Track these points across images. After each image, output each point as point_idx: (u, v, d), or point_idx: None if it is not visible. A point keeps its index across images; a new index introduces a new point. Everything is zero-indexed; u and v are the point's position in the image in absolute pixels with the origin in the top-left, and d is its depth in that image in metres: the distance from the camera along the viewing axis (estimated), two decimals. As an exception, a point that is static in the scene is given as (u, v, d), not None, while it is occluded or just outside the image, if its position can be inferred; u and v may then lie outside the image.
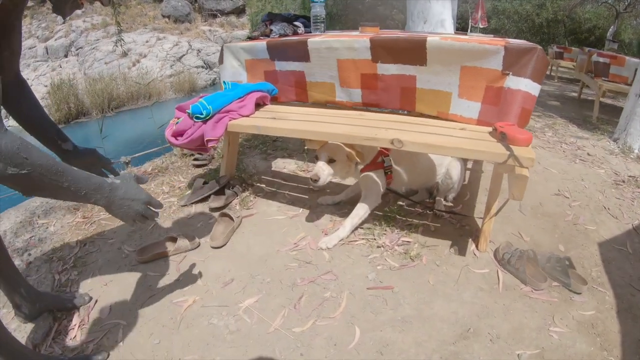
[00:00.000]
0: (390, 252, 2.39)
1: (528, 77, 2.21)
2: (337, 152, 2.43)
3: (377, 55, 2.68)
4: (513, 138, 2.04)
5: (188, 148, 2.84)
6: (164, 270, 2.26)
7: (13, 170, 1.05)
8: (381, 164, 2.58)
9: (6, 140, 1.05)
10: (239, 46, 3.34)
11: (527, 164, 1.91)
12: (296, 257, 2.38)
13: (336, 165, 2.45)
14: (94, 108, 11.41)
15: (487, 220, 2.33)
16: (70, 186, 1.19)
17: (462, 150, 2.05)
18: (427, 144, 2.10)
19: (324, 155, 2.45)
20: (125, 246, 2.48)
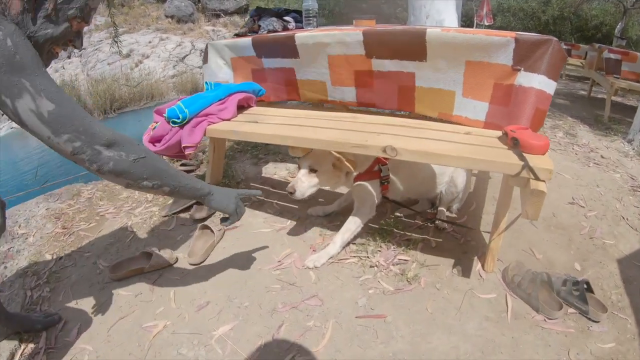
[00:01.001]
0: (384, 272, 2.10)
1: (542, 73, 1.94)
2: (321, 160, 2.16)
3: (372, 50, 2.41)
4: (527, 145, 1.74)
5: (166, 155, 2.58)
6: (136, 289, 2.09)
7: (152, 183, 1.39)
8: (377, 173, 2.29)
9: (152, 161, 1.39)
10: (223, 43, 3.08)
11: (544, 177, 1.61)
12: (279, 278, 2.11)
13: (320, 175, 2.17)
14: (96, 109, 11.26)
15: (495, 237, 2.02)
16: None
17: (467, 160, 1.74)
18: (425, 152, 1.80)
19: (305, 164, 2.17)
20: (100, 260, 2.33)
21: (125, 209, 2.90)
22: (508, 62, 2.02)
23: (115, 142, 1.28)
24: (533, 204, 1.59)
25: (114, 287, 2.11)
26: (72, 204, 3.04)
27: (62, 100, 1.19)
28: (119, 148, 1.29)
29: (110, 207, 2.96)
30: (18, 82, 1.12)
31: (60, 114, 1.18)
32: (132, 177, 1.32)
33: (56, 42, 1.31)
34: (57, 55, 1.36)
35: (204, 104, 2.48)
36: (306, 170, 2.15)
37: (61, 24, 1.27)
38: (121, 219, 2.78)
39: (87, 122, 1.23)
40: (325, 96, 2.75)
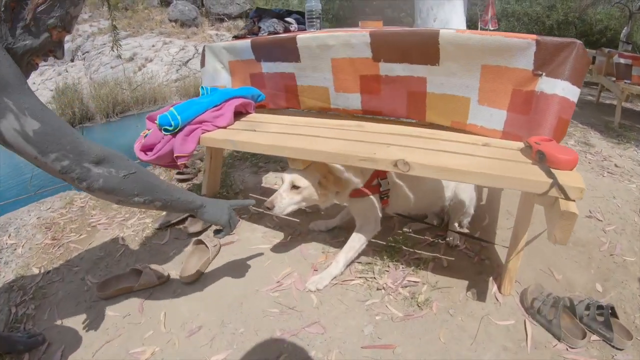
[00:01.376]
0: (393, 295, 1.91)
1: (566, 79, 1.75)
2: (303, 176, 1.98)
3: (379, 53, 2.21)
4: (554, 159, 1.53)
5: (158, 164, 2.40)
6: (125, 309, 1.95)
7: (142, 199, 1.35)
8: (377, 187, 2.12)
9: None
10: (221, 46, 2.89)
11: (575, 196, 1.40)
12: (278, 301, 1.93)
13: (302, 192, 1.98)
14: (99, 112, 11.20)
15: (512, 257, 1.83)
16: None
17: (488, 177, 1.53)
18: (441, 167, 1.60)
19: (287, 180, 1.99)
20: (89, 276, 2.20)
21: (118, 220, 2.77)
22: (528, 67, 1.82)
23: (104, 158, 1.25)
24: (563, 228, 1.38)
25: (101, 306, 1.98)
26: (64, 213, 2.94)
27: (48, 118, 1.16)
28: (108, 165, 1.26)
29: (102, 217, 2.84)
30: (1, 102, 1.07)
31: (47, 133, 1.14)
32: (123, 194, 1.29)
33: (36, 53, 1.25)
34: (36, 67, 1.30)
35: (197, 111, 2.29)
36: (288, 187, 1.97)
37: (41, 35, 1.22)
38: (113, 230, 2.65)
39: (74, 140, 1.19)
40: (328, 104, 2.56)
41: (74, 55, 14.54)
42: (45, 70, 13.79)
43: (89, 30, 15.27)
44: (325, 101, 2.54)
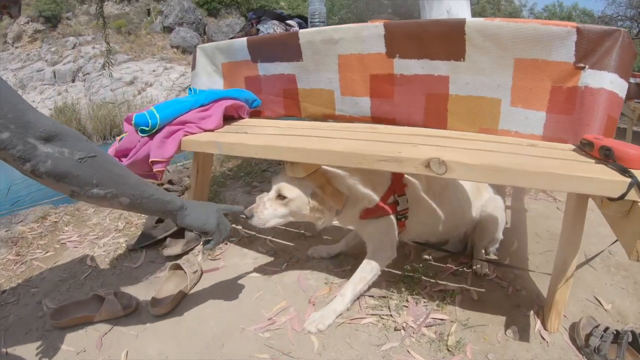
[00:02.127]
0: (415, 337, 1.48)
1: (613, 71, 1.50)
2: (292, 187, 1.61)
3: (394, 47, 1.86)
4: (624, 155, 1.18)
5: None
6: (80, 343, 1.60)
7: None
8: (393, 206, 1.72)
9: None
10: (214, 46, 2.54)
11: None
12: (269, 343, 1.50)
13: (290, 204, 1.61)
14: (96, 133, 11.06)
15: (561, 286, 1.45)
16: None
17: (554, 178, 1.14)
18: (491, 167, 1.19)
19: (274, 187, 1.64)
20: (46, 300, 1.88)
21: (90, 238, 2.44)
22: (569, 59, 1.55)
23: (56, 134, 0.98)
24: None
25: (54, 336, 1.64)
26: (35, 228, 2.63)
27: None
28: (60, 143, 0.99)
29: (74, 234, 2.51)
30: None
31: None
32: (77, 182, 1.02)
33: None
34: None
35: (180, 110, 1.91)
36: (274, 195, 1.61)
37: None
38: (83, 249, 2.33)
39: (19, 108, 0.94)
40: (332, 109, 2.18)
41: (75, 75, 14.47)
42: (46, 89, 13.71)
43: (91, 52, 15.20)
44: (330, 107, 2.16)
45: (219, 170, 3.43)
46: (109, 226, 2.55)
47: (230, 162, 3.60)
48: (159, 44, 16.03)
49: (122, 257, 2.19)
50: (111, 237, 2.41)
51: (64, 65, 15.11)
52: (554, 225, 2.29)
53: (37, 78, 14.66)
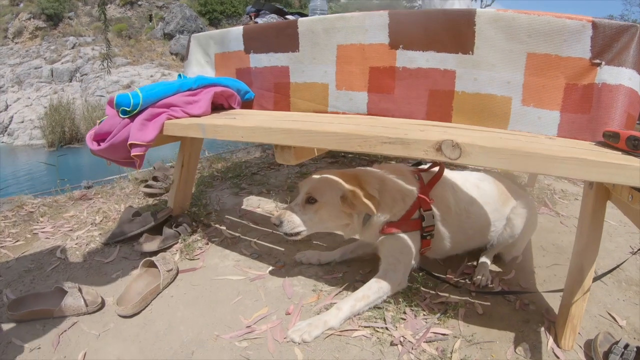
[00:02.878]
0: (414, 354, 1.28)
1: (631, 67, 1.39)
2: (324, 188, 1.49)
3: (398, 38, 1.70)
4: None
5: (110, 159, 1.82)
6: (36, 340, 1.44)
7: None
8: (418, 222, 1.57)
9: None
10: (208, 35, 2.37)
11: None
12: (245, 353, 1.30)
13: (322, 209, 1.49)
14: None
15: (577, 299, 1.30)
16: None
17: (585, 165, 0.97)
18: (515, 150, 1.01)
19: (303, 191, 1.51)
20: (7, 290, 1.72)
21: (64, 230, 2.27)
22: (585, 55, 1.44)
23: None
24: None
25: (10, 329, 1.49)
26: (9, 216, 2.47)
27: None
28: None
29: (48, 225, 2.34)
30: None
31: None
32: None
33: None
34: None
35: (166, 91, 1.74)
36: (303, 199, 1.47)
37: None
38: (55, 240, 2.16)
39: None
40: (325, 106, 1.98)
41: (73, 75, 14.25)
42: (42, 87, 13.48)
43: (90, 54, 15.01)
44: (322, 102, 1.97)
45: (207, 171, 3.25)
46: (86, 219, 2.37)
47: (219, 163, 3.43)
48: (158, 49, 15.90)
49: (94, 251, 2.01)
50: (86, 230, 2.23)
51: (62, 65, 14.92)
52: (559, 238, 2.14)
53: (35, 75, 14.45)
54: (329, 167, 3.27)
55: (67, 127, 10.84)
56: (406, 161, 1.94)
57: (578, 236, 1.36)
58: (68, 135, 10.78)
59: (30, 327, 1.49)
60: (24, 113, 12.13)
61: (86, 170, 6.66)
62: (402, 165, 1.74)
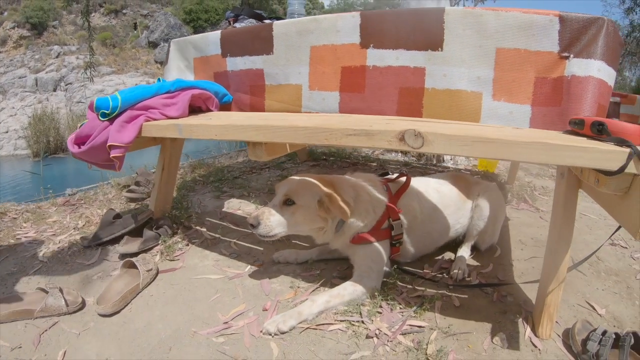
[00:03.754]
0: (390, 346, 1.29)
1: (600, 59, 1.44)
2: (302, 190, 1.51)
3: (369, 37, 1.74)
4: (619, 128, 1.04)
5: (91, 162, 1.82)
6: (17, 339, 1.45)
7: None
8: (388, 231, 1.62)
9: None
10: (188, 40, 2.38)
11: None
12: (222, 349, 1.30)
13: (298, 211, 1.51)
14: None
15: (554, 289, 1.31)
16: None
17: (549, 149, 0.99)
18: (477, 137, 1.03)
19: (281, 191, 1.52)
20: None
21: (47, 235, 2.27)
22: (553, 48, 1.48)
23: None
24: None
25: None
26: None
27: None
28: None
29: (31, 230, 2.34)
30: None
31: None
32: None
33: None
34: None
35: (144, 94, 1.76)
36: (280, 200, 1.48)
37: None
38: (38, 245, 2.16)
39: None
40: (298, 106, 2.01)
41: (57, 85, 14.11)
42: (27, 97, 13.33)
43: (75, 62, 14.89)
44: (295, 103, 2.00)
45: (189, 176, 3.25)
46: (69, 224, 2.37)
47: (201, 168, 3.45)
48: (143, 58, 15.84)
49: (76, 254, 2.01)
50: (68, 234, 2.23)
51: (46, 74, 14.81)
52: (538, 232, 2.17)
53: (19, 84, 14.34)
54: (309, 170, 3.30)
55: (52, 137, 10.71)
56: (376, 172, 1.99)
57: (552, 226, 1.38)
58: (53, 145, 10.65)
59: (12, 327, 1.50)
60: (8, 123, 11.98)
61: (71, 179, 6.61)
62: (373, 175, 1.79)
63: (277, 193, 1.55)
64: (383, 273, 1.61)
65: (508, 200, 2.68)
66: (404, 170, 2.09)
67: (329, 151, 3.87)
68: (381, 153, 4.09)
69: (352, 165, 3.50)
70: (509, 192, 2.80)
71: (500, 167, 3.52)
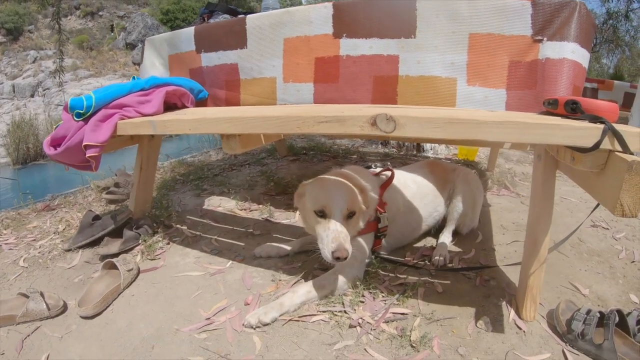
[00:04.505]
0: (373, 334, 1.29)
1: (574, 41, 1.45)
2: (356, 197, 1.48)
3: (342, 27, 1.74)
4: (592, 106, 1.05)
5: (67, 163, 1.80)
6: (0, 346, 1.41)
7: None
8: (375, 224, 1.63)
9: None
10: (163, 37, 2.36)
11: (637, 145, 0.94)
12: (205, 345, 1.29)
13: (354, 221, 1.49)
14: None
15: (535, 270, 1.31)
16: None
17: (523, 127, 0.99)
18: (449, 118, 1.02)
19: (338, 207, 1.41)
20: None
21: (28, 240, 2.24)
22: (526, 32, 1.49)
23: None
24: (633, 188, 0.88)
25: None
26: None
27: None
28: None
29: (12, 237, 2.31)
30: None
31: None
32: None
33: None
34: None
35: (118, 92, 1.74)
36: (344, 215, 1.42)
37: None
38: (18, 251, 2.13)
39: None
40: (273, 99, 2.00)
41: (35, 90, 13.84)
42: (4, 104, 13.05)
43: (52, 67, 14.59)
44: (270, 96, 1.98)
45: (169, 175, 3.22)
46: (49, 229, 2.33)
47: (181, 167, 3.42)
48: (121, 60, 15.62)
49: (56, 258, 1.98)
50: (49, 239, 2.20)
51: (23, 80, 14.55)
52: (519, 217, 2.20)
53: (-4, 92, 14.08)
54: (289, 166, 3.31)
55: (32, 144, 10.49)
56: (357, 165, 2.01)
57: (531, 208, 1.38)
58: (33, 151, 10.44)
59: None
60: (-14, 132, 11.76)
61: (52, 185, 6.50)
62: (364, 168, 1.80)
63: (333, 208, 1.41)
64: (365, 264, 1.61)
65: (489, 187, 2.71)
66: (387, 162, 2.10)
67: (309, 145, 3.87)
68: (361, 145, 4.10)
69: (332, 158, 3.50)
70: (490, 178, 2.82)
71: (481, 155, 3.56)
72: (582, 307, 1.33)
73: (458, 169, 2.03)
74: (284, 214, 2.31)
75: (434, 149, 3.70)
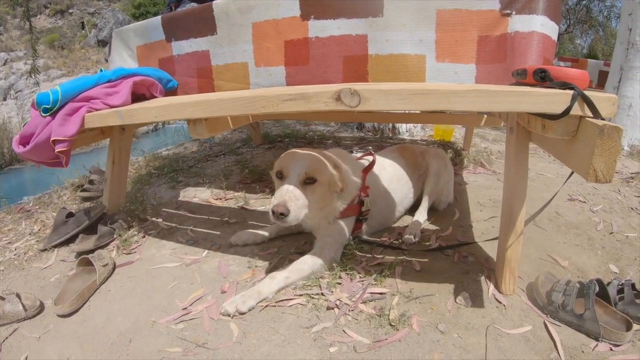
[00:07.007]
0: (351, 315, 1.28)
1: (543, 14, 1.46)
2: (322, 166, 1.45)
3: (310, 9, 1.73)
4: (561, 74, 1.05)
5: (36, 161, 1.79)
6: None
7: None
8: (358, 207, 1.63)
9: None
10: (130, 28, 2.32)
11: (608, 110, 0.94)
12: (182, 335, 1.28)
13: (317, 190, 1.44)
14: None
15: (512, 243, 1.32)
16: None
17: (490, 96, 0.98)
18: (414, 89, 1.01)
19: (296, 170, 1.40)
20: None
21: (3, 243, 2.20)
22: (494, 6, 1.50)
23: None
24: (606, 153, 0.88)
25: None
26: None
27: None
28: None
29: None
30: None
31: None
32: None
33: None
34: None
35: (84, 85, 1.71)
36: (301, 179, 1.39)
37: None
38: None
39: None
40: (247, 84, 1.99)
41: (7, 93, 13.46)
42: (-24, 108, 12.68)
43: (23, 69, 14.23)
44: (243, 81, 1.98)
45: (145, 169, 3.18)
46: (24, 230, 2.29)
47: (156, 161, 3.37)
48: (93, 57, 15.33)
49: (32, 258, 1.95)
50: (24, 240, 2.16)
51: (-6, 83, 14.05)
52: (496, 194, 2.21)
53: (-33, 96, 13.50)
54: (265, 154, 3.29)
55: (6, 148, 10.22)
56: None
57: (506, 181, 1.39)
58: (8, 156, 10.19)
59: (-29, 339, 1.42)
60: (-42, 138, 11.41)
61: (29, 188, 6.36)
62: (346, 152, 1.80)
63: (290, 170, 1.41)
64: (343, 245, 1.61)
65: (465, 165, 2.73)
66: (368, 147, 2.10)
67: (284, 133, 3.86)
68: (336, 130, 4.09)
69: (307, 144, 3.48)
70: (465, 157, 2.84)
71: (457, 135, 3.57)
72: (561, 279, 1.34)
73: (428, 150, 2.07)
74: (259, 201, 2.30)
75: (409, 130, 3.68)
